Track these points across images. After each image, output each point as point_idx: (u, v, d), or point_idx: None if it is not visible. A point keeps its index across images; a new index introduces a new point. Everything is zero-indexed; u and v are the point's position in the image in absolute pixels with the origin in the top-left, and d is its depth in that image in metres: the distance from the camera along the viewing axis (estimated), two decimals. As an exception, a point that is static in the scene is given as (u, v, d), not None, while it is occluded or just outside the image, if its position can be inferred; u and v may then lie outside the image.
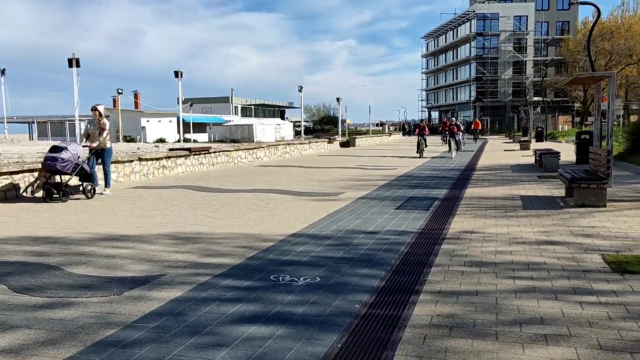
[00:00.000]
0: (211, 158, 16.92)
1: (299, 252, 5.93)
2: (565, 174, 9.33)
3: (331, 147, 30.22)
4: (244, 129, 45.93)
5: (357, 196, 10.64)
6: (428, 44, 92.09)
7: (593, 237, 6.45)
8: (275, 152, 22.00)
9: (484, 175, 14.53)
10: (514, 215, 8.08)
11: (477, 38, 71.81)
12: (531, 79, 71.69)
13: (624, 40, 51.82)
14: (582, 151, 16.94)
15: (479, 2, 72.61)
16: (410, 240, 6.55)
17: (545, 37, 74.33)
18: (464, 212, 8.51)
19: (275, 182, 13.35)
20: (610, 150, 8.39)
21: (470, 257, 5.63)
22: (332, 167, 18.29)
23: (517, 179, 13.29)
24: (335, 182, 13.27)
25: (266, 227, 7.46)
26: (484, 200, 9.77)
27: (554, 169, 14.77)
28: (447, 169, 16.76)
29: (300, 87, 28.72)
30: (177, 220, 7.95)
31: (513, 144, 33.66)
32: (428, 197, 10.33)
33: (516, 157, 21.73)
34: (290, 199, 10.38)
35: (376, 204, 9.52)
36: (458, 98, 79.85)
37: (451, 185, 12.38)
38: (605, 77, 8.31)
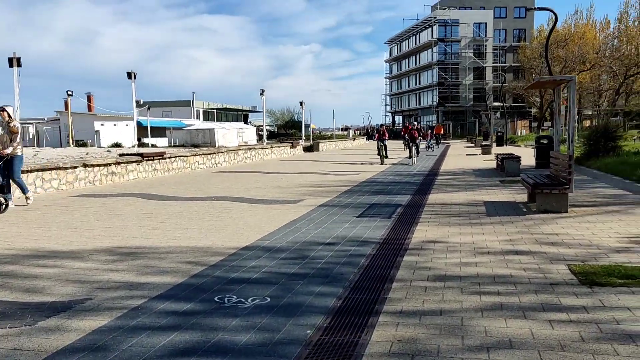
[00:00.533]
0: (166, 164, 16.19)
1: (250, 268, 5.45)
2: (528, 179, 9.16)
3: (294, 151, 29.76)
4: (205, 133, 44.89)
5: (317, 203, 10.23)
6: (391, 49, 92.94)
7: (558, 245, 6.21)
8: (235, 158, 21.39)
9: (447, 180, 14.36)
10: (478, 223, 7.82)
11: (439, 44, 72.86)
12: (491, 84, 73.17)
13: (577, 48, 53.39)
14: (541, 155, 17.03)
15: (439, 9, 73.73)
16: (371, 251, 6.17)
17: (503, 44, 76.09)
18: (427, 220, 8.20)
19: (232, 189, 12.80)
20: (572, 155, 8.25)
21: (434, 270, 5.28)
22: (294, 172, 17.84)
23: (480, 184, 13.15)
24: (296, 189, 12.82)
25: (217, 239, 6.94)
26: (447, 207, 9.51)
27: (515, 174, 14.73)
28: (410, 174, 16.56)
29: (262, 91, 28.16)
30: (119, 233, 7.33)
31: (475, 149, 34.00)
32: (391, 204, 10.00)
33: (478, 162, 21.80)
34: (246, 207, 9.87)
35: (337, 212, 9.13)
36: (421, 103, 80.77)
37: (414, 191, 12.12)
38: (566, 80, 8.18)
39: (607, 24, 62.22)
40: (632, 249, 5.92)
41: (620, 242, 6.28)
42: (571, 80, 8.13)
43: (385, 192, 11.88)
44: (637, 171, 11.36)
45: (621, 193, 10.59)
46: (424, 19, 76.15)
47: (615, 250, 5.85)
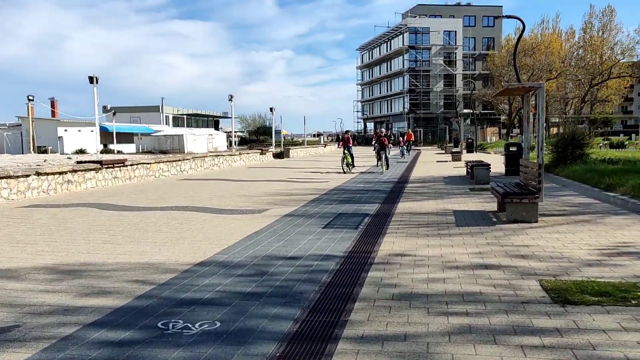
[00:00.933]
0: (128, 171, 15.55)
1: (203, 287, 5.03)
2: (498, 188, 8.97)
3: (264, 158, 29.27)
4: (174, 139, 43.95)
5: (283, 213, 9.84)
6: (363, 55, 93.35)
7: (528, 258, 5.97)
8: (202, 165, 20.81)
9: (417, 188, 14.15)
10: (447, 234, 7.55)
11: (410, 51, 73.45)
12: (461, 91, 74.09)
13: (544, 56, 54.48)
14: (511, 162, 17.02)
15: (410, 17, 74.42)
16: (334, 266, 5.81)
17: (472, 52, 77.23)
18: (394, 231, 7.90)
19: (196, 198, 12.30)
20: (541, 163, 8.08)
21: (399, 288, 4.95)
22: (262, 180, 17.41)
23: (449, 192, 12.97)
24: (262, 197, 12.40)
25: (171, 253, 6.49)
26: (416, 217, 9.24)
27: (485, 181, 14.63)
28: (380, 182, 16.32)
29: (230, 97, 27.64)
30: (64, 248, 6.80)
31: (445, 155, 34.13)
32: (358, 214, 9.68)
33: (448, 169, 21.74)
34: (208, 217, 9.41)
35: (302, 222, 8.75)
36: (392, 109, 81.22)
37: (383, 199, 11.85)
38: (535, 88, 8.03)
39: (572, 34, 63.85)
40: (603, 262, 5.71)
41: (591, 254, 6.08)
42: (540, 88, 7.98)
43: (353, 201, 11.57)
44: (605, 179, 11.33)
45: (590, 201, 10.52)
46: (395, 27, 76.72)
47: (587, 264, 5.64)
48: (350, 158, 20.91)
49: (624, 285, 4.76)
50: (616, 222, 8.11)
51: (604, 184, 11.23)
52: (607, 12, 61.52)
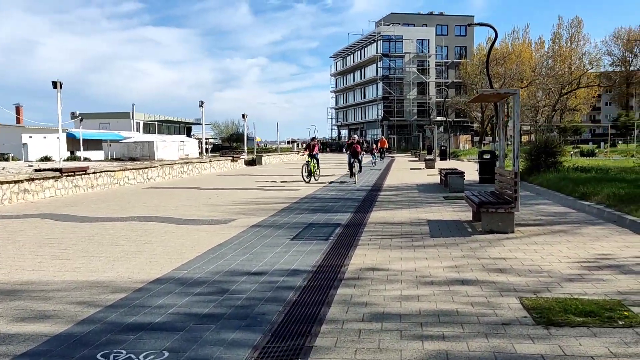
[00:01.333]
0: (90, 180, 14.84)
1: (154, 308, 4.56)
2: (473, 197, 8.70)
3: (235, 165, 28.69)
4: (144, 146, 43.00)
5: (250, 223, 9.39)
6: (337, 63, 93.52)
7: (507, 272, 5.66)
8: (170, 172, 20.16)
9: (390, 197, 13.85)
10: (421, 245, 7.22)
11: (383, 59, 73.85)
12: (434, 99, 74.76)
13: (515, 65, 55.31)
14: (485, 170, 16.91)
15: (384, 25, 74.88)
16: (301, 282, 5.40)
17: (445, 61, 78.13)
18: (367, 242, 7.53)
19: (160, 208, 11.74)
20: (517, 172, 7.84)
21: (370, 307, 4.57)
22: (231, 188, 16.89)
23: (423, 201, 12.70)
24: (230, 207, 11.92)
25: (125, 270, 5.98)
26: (389, 227, 8.89)
27: (459, 189, 14.43)
28: (353, 190, 15.98)
29: (201, 102, 27.05)
30: (8, 264, 6.22)
31: (419, 162, 34.10)
32: (329, 224, 9.29)
33: (422, 176, 21.58)
34: (171, 228, 8.89)
35: (270, 234, 8.32)
36: (366, 117, 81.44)
37: (356, 208, 11.49)
38: (510, 94, 7.82)
39: (542, 44, 65.14)
40: (585, 276, 5.44)
41: (571, 268, 5.81)
42: (515, 94, 7.76)
43: (325, 210, 11.19)
44: (579, 188, 11.21)
45: (565, 210, 10.36)
46: (368, 34, 77.09)
47: (568, 279, 5.35)
48: (317, 164, 19.57)
49: (609, 303, 4.47)
50: (593, 232, 7.90)
51: (579, 192, 11.10)
52: (574, 23, 63.00)
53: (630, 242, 7.15)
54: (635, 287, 5.02)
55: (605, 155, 31.34)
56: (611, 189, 10.63)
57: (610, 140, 51.61)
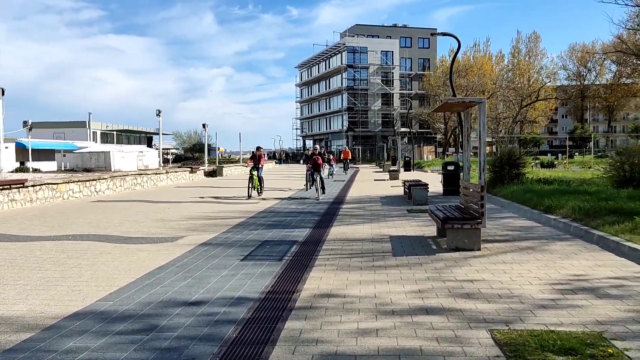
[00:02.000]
0: (28, 193, 13.70)
1: (60, 354, 3.78)
2: (437, 212, 8.20)
3: (194, 177, 27.66)
4: (100, 156, 41.37)
5: (200, 241, 8.63)
6: (302, 73, 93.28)
7: (475, 298, 5.12)
8: (122, 184, 19.07)
9: (352, 210, 13.28)
10: (382, 266, 6.63)
11: (348, 70, 73.98)
12: (398, 110, 75.25)
13: (477, 78, 56.15)
14: (449, 182, 16.58)
15: (348, 36, 75.13)
16: (245, 314, 4.72)
17: (409, 72, 78.91)
18: (324, 263, 6.89)
19: (102, 224, 10.81)
20: (484, 185, 7.38)
21: (322, 345, 3.92)
22: (187, 201, 16.01)
23: (386, 214, 12.17)
24: (181, 222, 11.10)
25: (40, 301, 5.15)
26: (349, 244, 8.29)
27: (423, 202, 14.00)
28: (314, 203, 15.35)
29: (158, 111, 25.97)
30: None
31: (383, 174, 33.81)
32: (285, 241, 8.62)
33: (386, 188, 21.16)
34: (108, 248, 8.04)
35: (219, 253, 7.59)
36: (331, 127, 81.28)
37: (315, 223, 10.86)
38: (476, 103, 7.38)
39: (502, 58, 66.53)
40: (559, 302, 4.94)
41: (543, 291, 5.31)
42: (481, 103, 7.32)
43: (282, 225, 10.51)
44: (544, 201, 10.88)
45: (531, 224, 9.99)
46: (333, 45, 77.18)
47: (541, 305, 4.84)
48: (259, 180, 17.05)
49: (589, 336, 3.95)
50: (562, 249, 7.49)
51: (544, 205, 10.78)
52: (532, 37, 64.67)
53: (600, 260, 6.75)
54: (614, 314, 4.54)
55: (564, 167, 31.79)
56: (575, 202, 10.34)
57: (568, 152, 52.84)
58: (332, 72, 78.54)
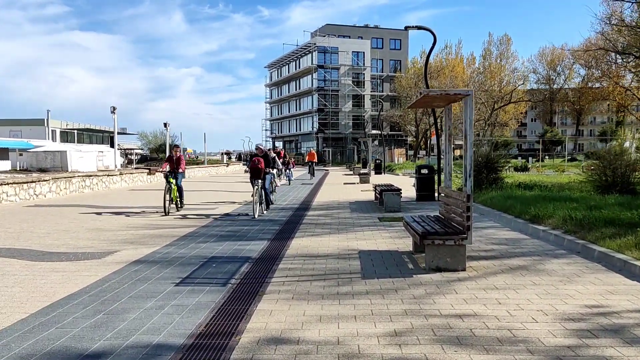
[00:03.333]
0: (-52, 197, 11.98)
1: None
2: (414, 224, 6.99)
3: (153, 179, 25.91)
4: (56, 156, 39.11)
5: (134, 257, 7.23)
6: (272, 73, 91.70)
7: (469, 345, 3.90)
8: (67, 187, 17.33)
9: (319, 218, 12.00)
10: (349, 293, 5.37)
11: (319, 70, 72.80)
12: (369, 112, 74.48)
13: (449, 79, 55.70)
14: (423, 187, 15.49)
15: (319, 36, 73.98)
16: (158, 375, 3.37)
17: (380, 74, 78.24)
18: (278, 288, 5.60)
19: (24, 234, 9.26)
20: (470, 194, 6.20)
21: None
22: (135, 206, 14.47)
23: (355, 223, 10.95)
24: (120, 232, 9.64)
25: None
26: (311, 261, 7.01)
27: (395, 208, 12.83)
28: (277, 209, 14.03)
29: (113, 108, 24.16)
30: None
31: (353, 177, 32.68)
32: (236, 258, 7.29)
33: (356, 192, 19.97)
34: (15, 268, 6.56)
35: (152, 274, 6.21)
36: (301, 129, 79.97)
37: (275, 233, 9.55)
38: (462, 96, 6.23)
39: (473, 60, 66.41)
40: (579, 351, 3.76)
41: (554, 333, 4.13)
42: (468, 95, 6.16)
43: (237, 236, 9.17)
44: (530, 209, 9.82)
45: (517, 236, 8.89)
46: (304, 45, 75.92)
47: (557, 357, 3.64)
48: (179, 192, 13.07)
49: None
50: (560, 269, 6.37)
51: (529, 214, 9.72)
52: (504, 40, 64.74)
53: (610, 284, 5.64)
54: (657, 372, 3.38)
55: (537, 170, 31.26)
56: (564, 210, 9.31)
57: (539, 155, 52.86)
58: (302, 72, 77.26)
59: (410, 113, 61.49)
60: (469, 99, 6.25)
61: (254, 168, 12.55)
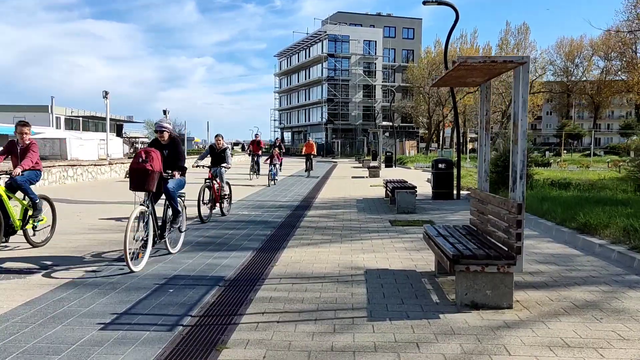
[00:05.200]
0: None
1: None
2: (439, 238, 5.21)
3: (149, 169, 24.22)
4: (55, 143, 37.69)
5: (70, 276, 5.62)
6: (281, 62, 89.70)
7: None
8: (47, 177, 15.73)
9: (319, 219, 10.26)
10: (348, 348, 3.64)
11: (329, 59, 70.71)
12: (380, 103, 72.38)
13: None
14: (440, 184, 13.67)
15: (330, 24, 71.81)
16: None
17: (392, 64, 75.95)
18: (246, 337, 3.87)
19: (-42, 238, 7.59)
20: (523, 204, 4.42)
21: None
22: (112, 202, 12.81)
23: (362, 227, 9.19)
24: (77, 236, 7.97)
25: None
26: (301, 287, 5.27)
27: (410, 209, 11.06)
28: (275, 206, 12.33)
29: (105, 93, 22.57)
30: None
31: (362, 170, 30.86)
32: (204, 279, 5.58)
33: (364, 188, 18.19)
34: None
35: (78, 307, 4.54)
36: (310, 119, 78.05)
37: (264, 240, 7.83)
38: (513, 64, 4.41)
39: (490, 50, 63.90)
40: None
41: None
42: (522, 64, 4.35)
43: (217, 244, 7.46)
44: (579, 216, 7.97)
45: (565, 251, 7.07)
46: (314, 33, 73.77)
47: None
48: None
49: None
50: (646, 308, 4.57)
51: (577, 222, 7.89)
52: (522, 29, 62.23)
53: None
54: None
55: (559, 166, 29.24)
56: (621, 218, 7.49)
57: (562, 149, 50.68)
58: (312, 61, 75.19)
59: (423, 104, 59.44)
60: (522, 70, 4.44)
61: (137, 170, 6.10)
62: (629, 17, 33.94)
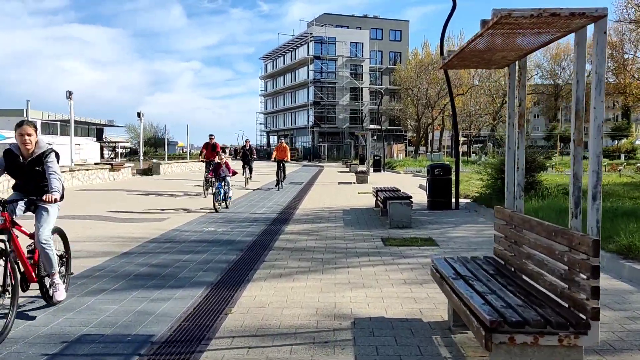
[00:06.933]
0: None
1: None
2: (459, 282, 3.61)
3: (116, 176, 22.29)
4: (23, 148, 35.46)
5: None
6: (267, 65, 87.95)
7: None
8: (-9, 187, 13.90)
9: (298, 238, 8.60)
10: None
11: (315, 61, 69.12)
12: (367, 106, 70.96)
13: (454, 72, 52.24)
14: (436, 191, 12.10)
15: (316, 25, 70.29)
16: None
17: (379, 66, 74.63)
18: None
19: None
20: (598, 240, 2.84)
21: None
22: (70, 216, 11.02)
23: (349, 249, 7.55)
24: None
25: None
26: (259, 354, 3.61)
27: (405, 223, 9.46)
28: (248, 220, 10.67)
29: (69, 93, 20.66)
30: None
31: (349, 174, 29.23)
32: (125, 339, 3.91)
33: (352, 195, 16.57)
34: None
35: None
36: (296, 122, 76.35)
37: (225, 269, 6.17)
38: (588, 17, 2.82)
39: (478, 51, 62.85)
40: None
41: None
42: (602, 18, 2.77)
43: (162, 277, 5.78)
44: (619, 236, 6.41)
45: (613, 285, 5.50)
46: (300, 35, 72.18)
47: None
48: None
49: None
50: None
51: (617, 244, 6.33)
52: (510, 31, 61.23)
53: None
54: None
55: (556, 170, 27.90)
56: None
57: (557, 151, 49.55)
58: (298, 63, 73.54)
59: (411, 106, 58.11)
60: (596, 30, 2.84)
61: None
62: (620, 18, 32.82)
